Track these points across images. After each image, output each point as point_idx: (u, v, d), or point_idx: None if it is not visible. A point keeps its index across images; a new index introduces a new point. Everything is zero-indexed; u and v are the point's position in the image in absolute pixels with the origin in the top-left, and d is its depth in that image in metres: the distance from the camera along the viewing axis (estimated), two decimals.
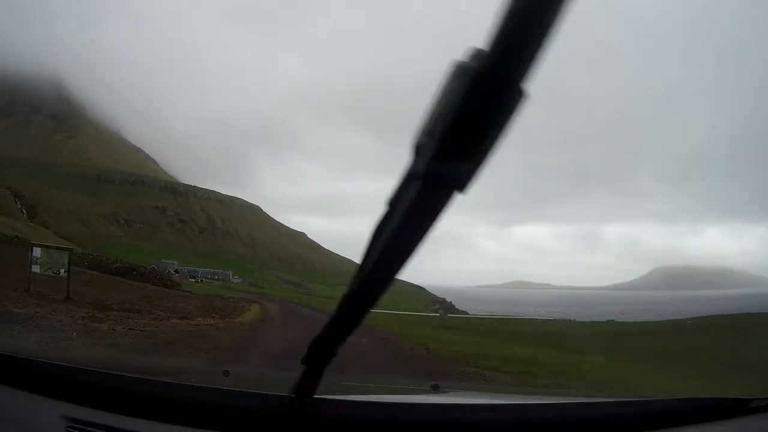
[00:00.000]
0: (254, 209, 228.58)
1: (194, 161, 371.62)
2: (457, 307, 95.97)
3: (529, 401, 2.26)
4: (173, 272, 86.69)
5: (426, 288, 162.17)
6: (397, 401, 1.72)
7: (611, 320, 48.70)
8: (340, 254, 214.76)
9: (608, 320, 48.90)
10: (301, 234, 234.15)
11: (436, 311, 63.38)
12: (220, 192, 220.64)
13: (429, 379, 6.45)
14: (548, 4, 0.58)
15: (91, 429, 1.40)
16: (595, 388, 9.76)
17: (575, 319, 53.50)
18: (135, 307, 19.01)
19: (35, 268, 18.99)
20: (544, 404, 1.98)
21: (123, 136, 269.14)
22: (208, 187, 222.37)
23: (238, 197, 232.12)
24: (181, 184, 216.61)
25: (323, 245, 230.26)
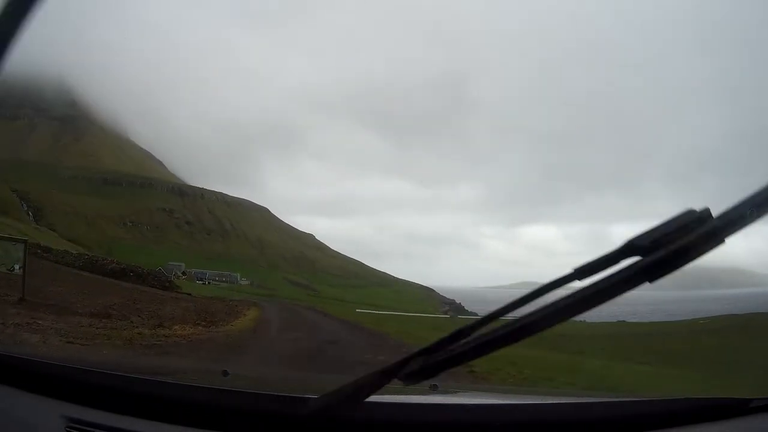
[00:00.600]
0: (262, 211, 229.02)
1: (202, 163, 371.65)
2: (467, 309, 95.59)
3: (529, 401, 2.23)
4: (181, 274, 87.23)
5: (435, 289, 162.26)
6: (397, 401, 1.63)
7: (622, 321, 48.12)
8: (347, 255, 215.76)
9: (619, 321, 48.33)
10: (310, 235, 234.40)
11: (446, 312, 63.19)
12: (228, 194, 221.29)
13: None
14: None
15: (91, 429, 1.42)
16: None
17: (585, 320, 52.93)
18: (106, 312, 16.68)
19: None
20: (544, 404, 1.96)
21: (130, 138, 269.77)
22: (216, 189, 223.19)
23: (246, 199, 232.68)
24: (189, 186, 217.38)
25: (330, 246, 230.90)
